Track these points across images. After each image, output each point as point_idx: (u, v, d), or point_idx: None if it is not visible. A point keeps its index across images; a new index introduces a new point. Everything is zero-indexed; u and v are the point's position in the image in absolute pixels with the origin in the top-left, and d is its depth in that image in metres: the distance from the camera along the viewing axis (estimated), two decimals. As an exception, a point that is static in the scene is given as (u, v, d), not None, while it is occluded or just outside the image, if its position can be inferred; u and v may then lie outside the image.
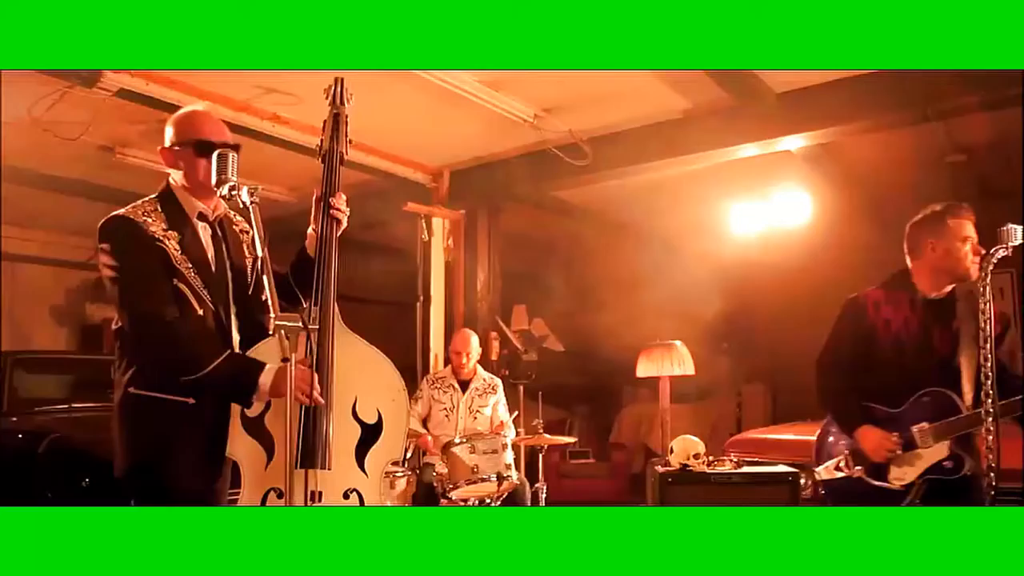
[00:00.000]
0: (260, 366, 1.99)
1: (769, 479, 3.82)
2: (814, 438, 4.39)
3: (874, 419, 2.66)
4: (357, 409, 2.11)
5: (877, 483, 2.61)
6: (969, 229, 2.62)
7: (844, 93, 4.22)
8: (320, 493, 1.98)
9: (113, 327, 2.13)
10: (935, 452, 2.54)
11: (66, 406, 4.91)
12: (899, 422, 2.62)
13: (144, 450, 2.04)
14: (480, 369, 4.66)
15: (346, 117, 2.27)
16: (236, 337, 2.17)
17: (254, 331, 2.16)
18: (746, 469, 3.88)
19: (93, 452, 3.96)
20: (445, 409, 4.47)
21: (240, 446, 2.05)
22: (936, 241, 2.66)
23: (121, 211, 2.10)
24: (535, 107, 4.69)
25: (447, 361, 5.02)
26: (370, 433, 2.11)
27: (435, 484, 3.81)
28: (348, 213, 2.25)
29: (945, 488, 2.55)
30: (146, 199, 2.16)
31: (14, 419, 4.62)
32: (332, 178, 2.23)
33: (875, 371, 2.71)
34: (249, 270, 2.26)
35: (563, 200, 6.49)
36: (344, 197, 2.23)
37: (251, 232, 2.25)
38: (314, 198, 2.24)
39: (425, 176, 5.99)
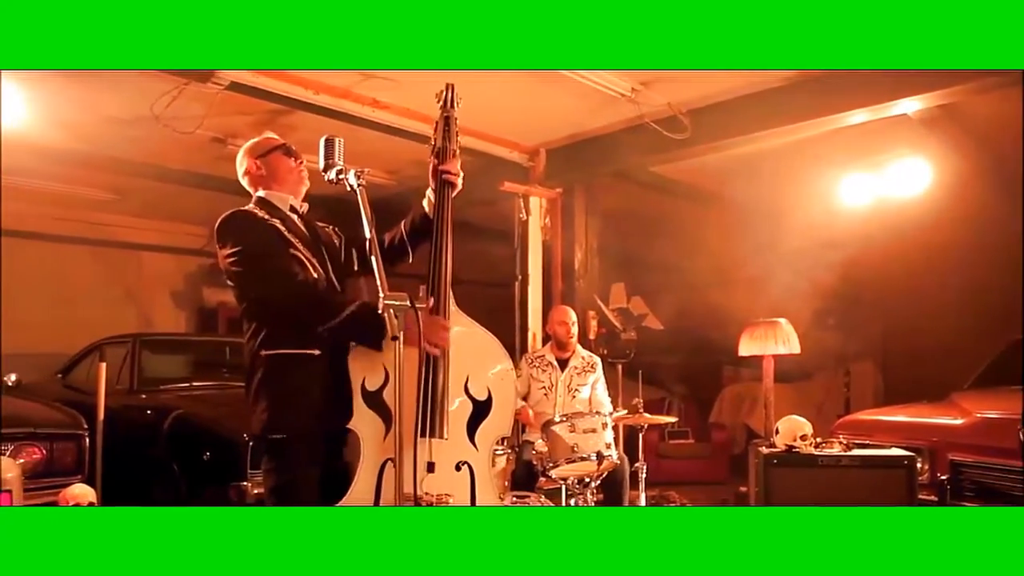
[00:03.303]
0: None
1: (883, 463, 3.65)
2: (932, 420, 4.22)
3: None
4: (469, 386, 2.24)
5: None
6: None
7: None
8: (434, 464, 2.12)
9: (241, 309, 2.33)
10: None
11: (187, 384, 5.22)
12: None
13: (279, 402, 2.22)
14: (579, 347, 4.65)
15: (456, 119, 2.43)
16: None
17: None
18: (856, 452, 3.72)
19: (213, 428, 4.20)
20: (544, 387, 4.48)
21: (360, 419, 2.19)
22: None
23: (231, 210, 2.32)
24: (632, 80, 4.60)
25: (545, 339, 5.02)
26: (481, 409, 2.25)
27: (534, 462, 3.83)
28: (461, 175, 2.40)
29: None
30: (247, 207, 2.40)
31: (143, 396, 4.95)
32: (451, 140, 2.40)
33: None
34: (344, 254, 2.48)
35: (662, 175, 6.36)
36: (459, 162, 2.41)
37: (328, 228, 2.50)
38: (432, 167, 2.41)
39: (522, 155, 6.00)
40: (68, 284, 7.64)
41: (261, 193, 2.42)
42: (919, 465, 3.72)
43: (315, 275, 2.30)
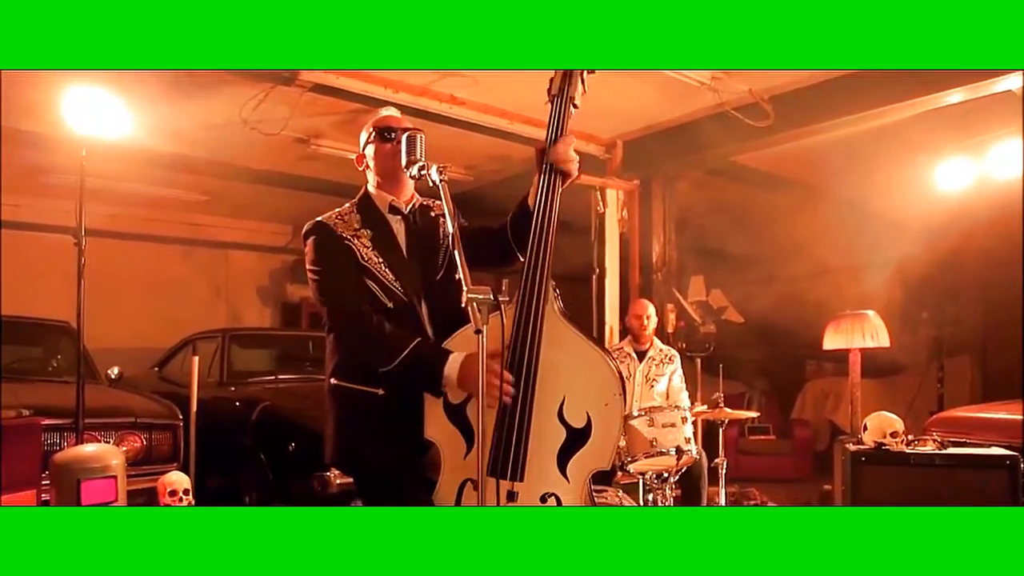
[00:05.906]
0: (445, 356, 1.99)
1: (982, 463, 3.46)
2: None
3: None
4: (564, 410, 1.94)
5: None
6: None
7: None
8: (516, 493, 1.90)
9: (324, 324, 2.28)
10: None
11: (272, 377, 5.40)
12: None
13: (346, 437, 2.18)
14: (657, 340, 4.60)
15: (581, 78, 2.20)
16: (428, 326, 2.21)
17: (447, 317, 2.18)
18: (952, 451, 3.55)
19: (297, 420, 4.33)
20: (621, 379, 4.46)
21: (440, 431, 2.06)
22: None
23: (320, 217, 2.24)
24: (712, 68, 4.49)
25: (623, 334, 4.98)
26: (576, 437, 1.93)
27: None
28: (576, 160, 2.12)
29: None
30: (346, 204, 2.29)
31: (232, 389, 5.15)
32: (560, 122, 2.14)
33: None
34: (441, 256, 2.28)
35: (743, 165, 6.20)
36: (573, 141, 2.12)
37: (445, 211, 2.24)
38: (536, 150, 2.17)
39: (598, 147, 5.96)
40: (163, 282, 8.03)
41: (371, 186, 2.30)
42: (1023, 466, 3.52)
43: (388, 305, 2.13)
